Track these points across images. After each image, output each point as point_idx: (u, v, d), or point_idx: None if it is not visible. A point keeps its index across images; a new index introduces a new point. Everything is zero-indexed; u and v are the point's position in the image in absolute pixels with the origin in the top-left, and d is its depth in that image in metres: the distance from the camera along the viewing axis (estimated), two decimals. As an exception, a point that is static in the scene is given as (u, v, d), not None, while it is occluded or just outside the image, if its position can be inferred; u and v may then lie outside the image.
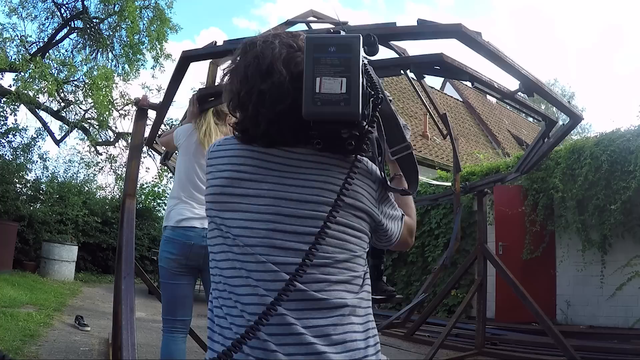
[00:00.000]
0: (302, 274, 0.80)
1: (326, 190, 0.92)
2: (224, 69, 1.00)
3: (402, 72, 2.55)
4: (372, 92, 0.90)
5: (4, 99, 10.19)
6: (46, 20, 11.40)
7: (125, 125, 16.01)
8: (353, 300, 0.92)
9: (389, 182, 1.03)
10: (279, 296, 0.78)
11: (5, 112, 10.64)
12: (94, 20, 11.48)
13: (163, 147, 4.13)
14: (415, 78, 3.58)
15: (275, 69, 0.90)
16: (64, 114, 12.19)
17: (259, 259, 0.87)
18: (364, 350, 0.90)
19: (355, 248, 0.95)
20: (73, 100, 11.90)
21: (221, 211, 0.93)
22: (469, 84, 2.59)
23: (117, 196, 13.34)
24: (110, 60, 11.99)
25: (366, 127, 0.90)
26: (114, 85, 11.34)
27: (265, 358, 0.83)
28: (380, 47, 2.77)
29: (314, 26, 3.54)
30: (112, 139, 12.92)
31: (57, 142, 12.45)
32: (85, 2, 11.22)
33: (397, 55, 3.13)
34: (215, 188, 0.96)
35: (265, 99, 0.90)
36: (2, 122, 10.71)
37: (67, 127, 12.06)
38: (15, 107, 10.51)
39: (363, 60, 0.88)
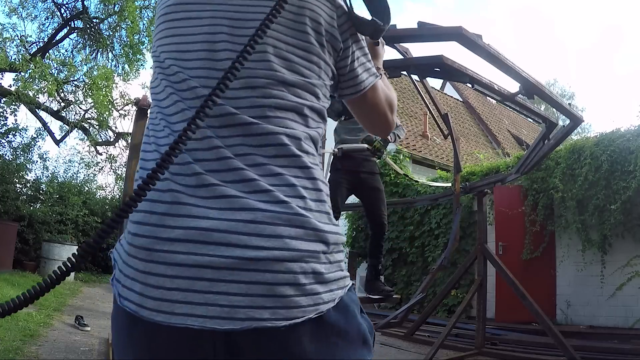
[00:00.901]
0: (224, 88, 0.69)
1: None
2: None
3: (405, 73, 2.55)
4: None
5: (4, 99, 10.19)
6: (46, 20, 11.42)
7: (125, 125, 16.09)
8: (299, 132, 0.80)
9: (353, 10, 0.92)
10: (196, 114, 0.67)
11: (5, 112, 10.64)
12: (94, 20, 11.48)
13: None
14: (418, 79, 3.59)
15: None
16: (64, 114, 12.19)
17: (190, 84, 0.79)
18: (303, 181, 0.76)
19: (307, 73, 0.83)
20: (73, 100, 11.90)
21: (162, 38, 0.86)
22: (468, 84, 2.60)
23: (117, 196, 13.35)
24: (110, 60, 12.00)
25: None
26: (114, 85, 11.36)
27: (184, 171, 0.74)
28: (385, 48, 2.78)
29: None
30: (112, 139, 12.93)
31: (57, 142, 12.47)
32: (85, 2, 11.23)
33: (400, 56, 3.13)
34: (160, 19, 0.89)
35: None
36: (2, 122, 10.71)
37: (67, 127, 12.07)
38: (15, 107, 10.52)
39: None
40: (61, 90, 11.25)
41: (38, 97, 10.53)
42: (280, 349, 0.69)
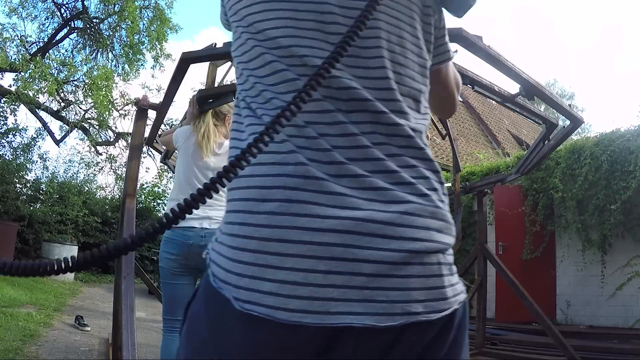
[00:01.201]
0: (342, 52, 0.63)
1: None
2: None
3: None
4: None
5: (4, 99, 10.21)
6: (46, 20, 11.44)
7: (125, 125, 16.06)
8: (418, 125, 0.76)
9: None
10: (309, 81, 0.60)
11: (5, 112, 10.67)
12: (94, 20, 11.49)
13: (163, 146, 4.14)
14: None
15: None
16: (64, 114, 12.20)
17: (306, 60, 0.72)
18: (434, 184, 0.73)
19: (417, 51, 0.79)
20: (73, 100, 11.91)
21: (253, 5, 0.78)
22: (469, 86, 2.60)
23: (117, 196, 13.35)
24: (110, 60, 12.02)
25: None
26: (114, 85, 11.36)
27: (309, 146, 0.69)
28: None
29: None
30: (112, 139, 12.94)
31: (57, 142, 12.48)
32: (85, 2, 11.24)
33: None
34: None
35: None
36: (2, 122, 10.75)
37: (67, 127, 12.08)
38: (15, 107, 10.54)
39: None
40: (61, 90, 11.26)
41: (38, 97, 10.55)
42: (418, 343, 0.66)
